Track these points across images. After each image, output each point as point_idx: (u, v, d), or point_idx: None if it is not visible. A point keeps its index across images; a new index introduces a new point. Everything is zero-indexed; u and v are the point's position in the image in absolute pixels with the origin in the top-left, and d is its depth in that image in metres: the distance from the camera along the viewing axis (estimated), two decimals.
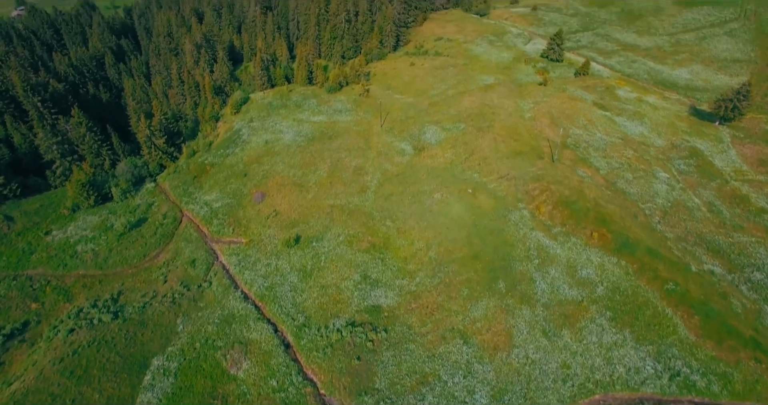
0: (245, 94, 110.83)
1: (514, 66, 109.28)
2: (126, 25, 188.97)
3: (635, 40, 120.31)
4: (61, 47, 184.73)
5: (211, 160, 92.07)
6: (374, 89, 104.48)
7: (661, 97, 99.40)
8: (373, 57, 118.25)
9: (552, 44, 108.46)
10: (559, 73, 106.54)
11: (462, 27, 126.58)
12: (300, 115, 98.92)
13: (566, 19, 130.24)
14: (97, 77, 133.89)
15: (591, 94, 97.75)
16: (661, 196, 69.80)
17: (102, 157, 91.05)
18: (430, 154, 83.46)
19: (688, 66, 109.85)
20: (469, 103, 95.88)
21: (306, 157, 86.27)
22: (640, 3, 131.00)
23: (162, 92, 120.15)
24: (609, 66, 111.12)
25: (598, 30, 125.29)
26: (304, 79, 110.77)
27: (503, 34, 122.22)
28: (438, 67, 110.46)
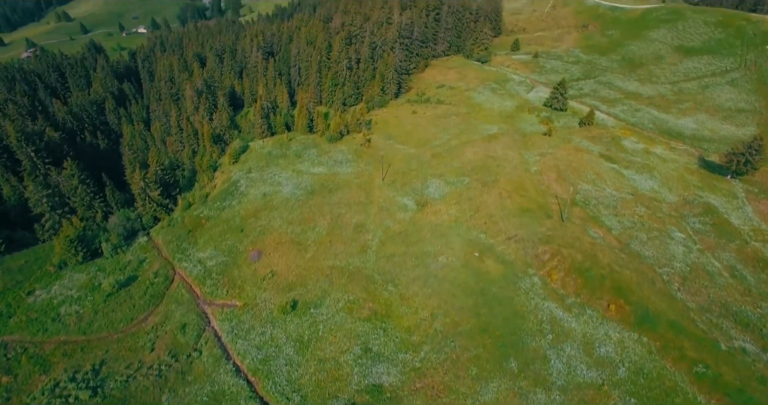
0: (244, 142, 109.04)
1: (517, 115, 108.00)
2: (130, 68, 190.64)
3: (638, 89, 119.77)
4: (65, 90, 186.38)
5: (207, 213, 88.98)
6: (376, 139, 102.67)
7: (668, 147, 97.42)
8: (374, 104, 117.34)
9: (555, 93, 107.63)
10: (564, 122, 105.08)
11: (464, 74, 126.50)
12: (300, 165, 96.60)
13: (568, 66, 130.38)
14: (97, 123, 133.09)
15: (597, 145, 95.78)
16: (679, 259, 66.19)
17: (94, 210, 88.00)
18: (433, 210, 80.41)
19: (692, 115, 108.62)
20: (472, 154, 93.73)
21: (305, 212, 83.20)
22: (640, 51, 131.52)
23: (160, 139, 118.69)
24: (613, 115, 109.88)
25: (600, 78, 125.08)
26: (305, 127, 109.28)
27: (505, 82, 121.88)
28: (440, 116, 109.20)
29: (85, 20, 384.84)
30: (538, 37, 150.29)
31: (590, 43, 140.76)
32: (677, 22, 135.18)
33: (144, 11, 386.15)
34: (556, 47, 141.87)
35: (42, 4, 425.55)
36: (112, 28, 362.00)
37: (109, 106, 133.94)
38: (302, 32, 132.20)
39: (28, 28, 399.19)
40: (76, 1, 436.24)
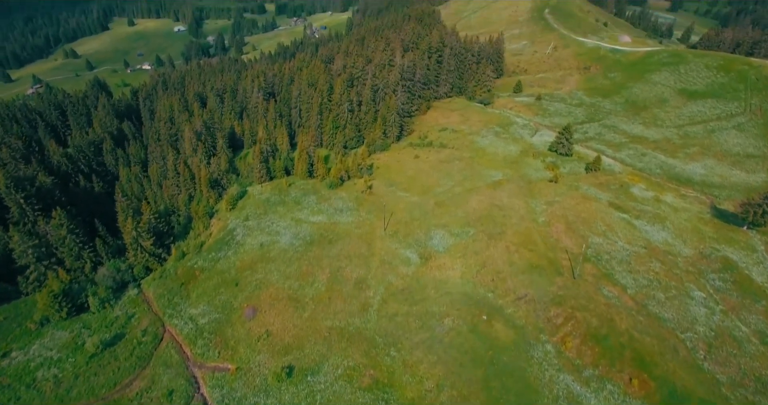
0: (242, 187, 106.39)
1: (522, 160, 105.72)
2: (131, 106, 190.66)
3: (643, 132, 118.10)
4: (65, 128, 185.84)
5: (201, 264, 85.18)
6: (377, 185, 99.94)
7: (678, 195, 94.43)
8: (376, 148, 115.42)
9: (561, 138, 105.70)
10: (570, 168, 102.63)
11: (466, 117, 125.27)
12: (299, 213, 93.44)
13: (571, 109, 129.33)
14: (94, 164, 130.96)
15: (605, 193, 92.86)
16: (701, 322, 61.89)
17: (83, 261, 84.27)
18: (437, 265, 76.63)
19: (700, 160, 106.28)
20: (477, 203, 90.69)
21: (303, 265, 79.40)
22: (643, 93, 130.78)
23: (157, 182, 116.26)
24: (620, 160, 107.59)
25: (604, 121, 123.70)
26: (304, 172, 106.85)
27: (509, 125, 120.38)
28: (443, 161, 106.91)
29: (92, 57, 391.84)
30: (540, 79, 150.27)
31: (593, 86, 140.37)
32: (679, 66, 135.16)
33: (149, 48, 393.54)
34: (558, 89, 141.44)
35: (51, 41, 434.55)
36: (117, 64, 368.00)
37: (107, 146, 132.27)
38: (304, 74, 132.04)
39: (37, 64, 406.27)
40: (84, 39, 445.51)
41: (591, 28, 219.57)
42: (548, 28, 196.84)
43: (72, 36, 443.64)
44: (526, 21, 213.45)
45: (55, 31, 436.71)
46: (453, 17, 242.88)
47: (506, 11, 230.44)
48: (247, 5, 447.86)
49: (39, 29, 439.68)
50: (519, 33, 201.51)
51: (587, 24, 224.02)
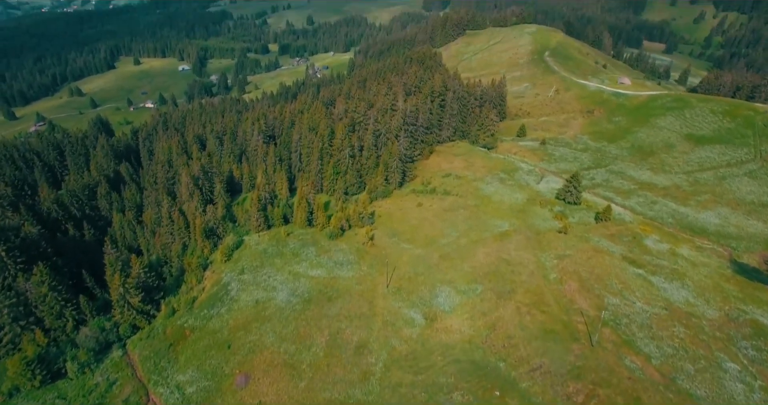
0: (239, 236, 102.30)
1: (528, 209, 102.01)
2: (130, 147, 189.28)
3: (651, 178, 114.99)
4: (62, 168, 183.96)
5: (192, 322, 79.96)
6: (379, 235, 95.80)
7: (693, 246, 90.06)
8: (377, 195, 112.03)
9: (569, 186, 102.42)
10: (579, 217, 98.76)
11: (470, 162, 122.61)
12: (297, 266, 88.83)
13: (577, 154, 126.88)
14: (87, 208, 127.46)
15: (618, 246, 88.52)
16: (740, 402, 56.12)
17: (64, 319, 79.02)
18: (444, 327, 71.43)
19: (713, 208, 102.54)
20: (484, 256, 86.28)
21: (301, 325, 74.20)
22: (649, 138, 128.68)
23: (150, 230, 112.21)
24: (629, 208, 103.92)
25: (611, 166, 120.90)
26: (304, 220, 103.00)
27: (514, 171, 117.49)
28: (447, 209, 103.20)
29: (96, 95, 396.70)
30: (543, 123, 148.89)
31: (597, 130, 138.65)
32: (684, 110, 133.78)
33: (153, 87, 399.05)
34: (563, 133, 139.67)
35: (58, 79, 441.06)
36: (121, 102, 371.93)
37: (101, 191, 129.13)
38: (305, 117, 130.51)
39: (42, 101, 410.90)
40: (90, 77, 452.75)
41: (591, 70, 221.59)
42: (549, 71, 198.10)
43: (79, 74, 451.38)
44: (526, 63, 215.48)
45: (62, 70, 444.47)
46: (454, 59, 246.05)
47: (506, 54, 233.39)
48: (251, 45, 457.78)
49: (47, 68, 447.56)
50: (520, 75, 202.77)
51: (587, 66, 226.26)
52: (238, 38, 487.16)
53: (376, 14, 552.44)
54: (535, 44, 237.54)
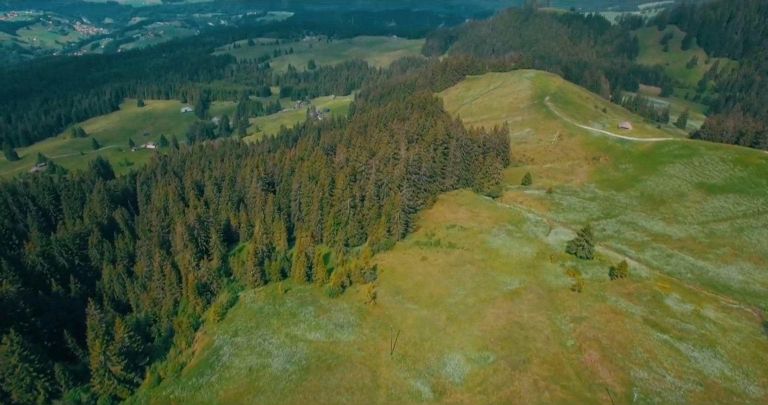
0: (233, 292, 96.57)
1: (539, 264, 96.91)
2: (127, 191, 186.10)
3: (664, 229, 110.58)
4: (57, 212, 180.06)
5: (179, 393, 72.98)
6: (382, 293, 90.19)
7: (718, 306, 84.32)
8: (380, 247, 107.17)
9: (580, 240, 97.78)
10: (592, 273, 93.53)
11: (476, 212, 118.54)
12: (294, 328, 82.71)
13: (585, 203, 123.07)
14: (76, 259, 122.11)
15: (637, 306, 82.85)
16: None
17: (35, 392, 72.12)
18: (454, 401, 64.84)
19: (734, 263, 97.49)
20: (494, 318, 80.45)
21: (298, 399, 67.47)
22: (658, 187, 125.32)
23: (141, 284, 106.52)
24: (644, 262, 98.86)
25: (621, 217, 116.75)
26: (302, 275, 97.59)
27: (521, 222, 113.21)
28: (453, 264, 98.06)
29: (99, 136, 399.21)
30: (548, 170, 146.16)
31: (604, 178, 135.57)
32: (692, 158, 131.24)
33: (155, 128, 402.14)
34: (569, 181, 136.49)
35: (63, 120, 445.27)
36: (123, 143, 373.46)
37: (92, 240, 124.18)
38: (305, 166, 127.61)
39: (45, 142, 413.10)
40: (94, 118, 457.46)
41: (591, 114, 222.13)
42: (550, 116, 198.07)
43: (83, 115, 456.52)
44: (527, 108, 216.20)
45: (67, 111, 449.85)
46: (454, 104, 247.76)
47: (507, 98, 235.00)
48: (253, 88, 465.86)
49: (53, 109, 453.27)
50: (521, 120, 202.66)
51: (587, 110, 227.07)
52: (241, 81, 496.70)
53: (377, 59, 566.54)
54: (535, 89, 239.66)
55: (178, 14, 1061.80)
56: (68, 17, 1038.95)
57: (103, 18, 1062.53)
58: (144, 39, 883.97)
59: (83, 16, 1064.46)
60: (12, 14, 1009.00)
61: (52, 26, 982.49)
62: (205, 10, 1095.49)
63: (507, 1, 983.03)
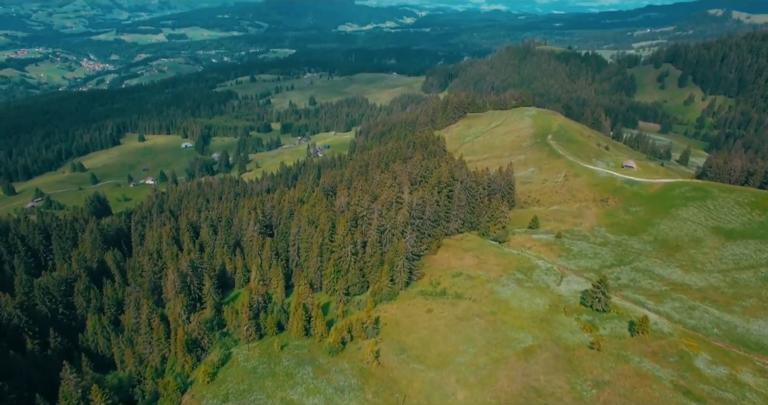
0: (226, 348, 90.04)
1: (552, 318, 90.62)
2: (121, 231, 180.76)
3: (683, 278, 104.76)
4: (47, 253, 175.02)
5: None
6: (385, 351, 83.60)
7: (756, 369, 77.44)
8: (382, 297, 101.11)
9: (596, 292, 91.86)
10: (611, 328, 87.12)
11: (482, 259, 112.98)
12: (291, 391, 75.78)
13: (597, 249, 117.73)
14: (60, 307, 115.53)
15: (665, 368, 76.08)
16: None
17: None
18: None
19: (764, 317, 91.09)
20: (507, 381, 73.65)
21: None
22: (672, 231, 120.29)
23: (127, 338, 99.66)
24: (665, 314, 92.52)
25: (635, 264, 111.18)
26: (300, 330, 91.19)
27: (531, 270, 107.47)
28: (461, 318, 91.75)
29: (98, 171, 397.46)
30: (556, 212, 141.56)
31: (615, 221, 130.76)
32: (706, 201, 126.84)
33: (155, 163, 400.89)
34: (578, 225, 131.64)
35: (63, 155, 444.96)
36: (122, 179, 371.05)
37: (79, 286, 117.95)
38: (304, 209, 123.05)
39: (44, 176, 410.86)
40: (94, 153, 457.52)
41: (594, 152, 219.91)
42: (554, 155, 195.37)
43: (84, 150, 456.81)
44: (530, 146, 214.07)
45: (68, 146, 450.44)
46: (455, 142, 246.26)
47: (509, 137, 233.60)
48: (253, 124, 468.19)
49: (54, 144, 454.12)
50: (525, 159, 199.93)
51: (590, 148, 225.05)
52: (242, 117, 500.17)
53: (377, 95, 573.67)
54: (537, 127, 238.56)
55: (183, 51, 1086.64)
56: (76, 54, 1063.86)
57: (109, 55, 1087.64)
58: (148, 75, 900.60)
59: (91, 52, 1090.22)
60: (22, 52, 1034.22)
61: (60, 62, 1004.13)
62: (209, 48, 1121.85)
63: (503, 40, 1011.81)
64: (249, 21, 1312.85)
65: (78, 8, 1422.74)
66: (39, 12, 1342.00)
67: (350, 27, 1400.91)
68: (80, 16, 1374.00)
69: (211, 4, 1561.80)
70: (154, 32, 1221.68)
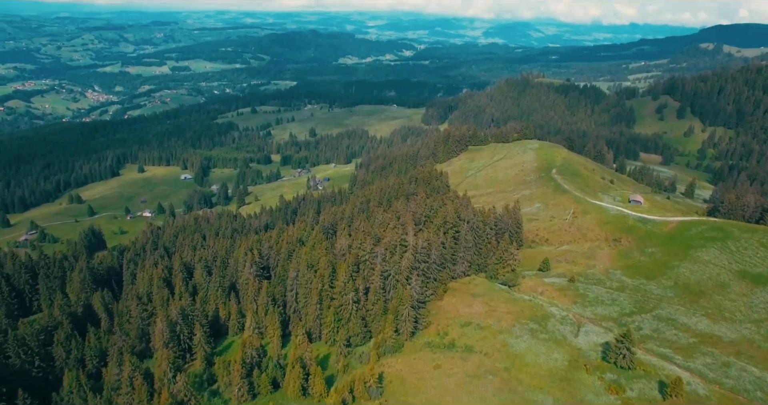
0: None
1: (573, 376, 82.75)
2: (112, 270, 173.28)
3: (711, 329, 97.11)
4: (33, 293, 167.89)
5: None
6: None
7: None
8: (386, 349, 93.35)
9: (620, 347, 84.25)
10: (639, 390, 79.21)
11: (492, 306, 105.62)
12: None
13: (614, 295, 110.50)
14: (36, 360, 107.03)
15: None
16: None
17: None
18: None
19: None
20: None
21: None
22: (694, 275, 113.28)
23: (106, 399, 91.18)
24: (697, 372, 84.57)
25: (657, 311, 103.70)
26: (297, 389, 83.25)
27: (545, 319, 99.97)
28: (472, 375, 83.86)
29: (96, 202, 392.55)
30: (566, 253, 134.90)
31: (631, 263, 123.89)
32: (727, 242, 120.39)
33: (153, 195, 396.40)
34: (591, 267, 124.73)
35: (61, 186, 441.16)
36: (119, 211, 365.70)
37: (59, 336, 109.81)
38: (303, 252, 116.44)
39: (41, 208, 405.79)
40: (93, 184, 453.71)
41: (600, 186, 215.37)
42: (560, 190, 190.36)
43: (83, 181, 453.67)
44: (534, 181, 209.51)
45: (67, 177, 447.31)
46: (458, 176, 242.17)
47: (512, 170, 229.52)
48: (253, 156, 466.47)
49: (53, 175, 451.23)
50: (530, 194, 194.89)
51: (595, 182, 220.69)
52: (242, 148, 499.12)
53: (377, 127, 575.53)
54: (540, 160, 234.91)
55: (186, 83, 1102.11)
56: (81, 85, 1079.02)
57: (114, 86, 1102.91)
58: (150, 106, 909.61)
59: (96, 84, 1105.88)
60: (30, 83, 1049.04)
61: (65, 94, 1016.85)
62: (211, 79, 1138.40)
63: (501, 72, 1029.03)
64: (251, 54, 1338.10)
65: (86, 42, 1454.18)
66: (48, 45, 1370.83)
67: (350, 60, 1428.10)
68: (88, 49, 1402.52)
69: (214, 37, 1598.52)
70: (158, 64, 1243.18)
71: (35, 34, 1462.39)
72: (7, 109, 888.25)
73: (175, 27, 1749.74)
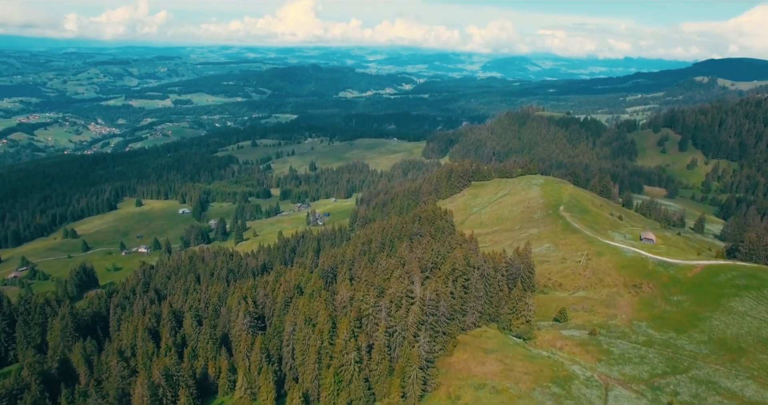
0: None
1: None
2: (99, 315, 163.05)
3: (761, 395, 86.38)
4: (11, 341, 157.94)
5: None
6: None
7: None
8: None
9: None
10: None
11: (508, 364, 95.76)
12: None
13: (642, 351, 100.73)
14: None
15: None
16: None
17: None
18: None
19: None
20: None
21: None
22: (729, 329, 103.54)
23: None
24: None
25: (694, 372, 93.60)
26: None
27: (568, 381, 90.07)
28: None
29: (90, 237, 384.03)
30: (583, 300, 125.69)
31: (656, 314, 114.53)
32: (763, 290, 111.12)
33: (150, 230, 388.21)
34: (612, 317, 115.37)
35: (57, 219, 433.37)
36: (114, 246, 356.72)
37: (24, 402, 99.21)
38: (300, 303, 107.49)
39: (35, 242, 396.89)
40: (89, 218, 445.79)
41: (609, 223, 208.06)
42: (569, 229, 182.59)
43: (79, 215, 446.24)
44: (542, 218, 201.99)
45: (63, 211, 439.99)
46: (462, 213, 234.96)
47: (518, 207, 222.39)
48: (253, 190, 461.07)
49: (50, 208, 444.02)
50: (538, 233, 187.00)
51: (603, 219, 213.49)
52: (242, 182, 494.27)
53: (378, 161, 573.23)
54: (547, 197, 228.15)
55: (187, 116, 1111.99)
56: (84, 118, 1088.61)
57: (116, 119, 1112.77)
58: (152, 138, 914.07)
59: (99, 117, 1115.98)
60: (34, 117, 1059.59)
61: (68, 126, 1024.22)
62: (213, 112, 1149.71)
63: (500, 105, 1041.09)
64: (253, 87, 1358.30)
65: (92, 76, 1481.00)
66: (54, 80, 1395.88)
67: (351, 93, 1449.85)
68: (93, 83, 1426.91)
69: (217, 71, 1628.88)
70: (161, 98, 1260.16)
71: (43, 68, 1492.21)
72: (9, 141, 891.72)
73: (178, 61, 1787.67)
